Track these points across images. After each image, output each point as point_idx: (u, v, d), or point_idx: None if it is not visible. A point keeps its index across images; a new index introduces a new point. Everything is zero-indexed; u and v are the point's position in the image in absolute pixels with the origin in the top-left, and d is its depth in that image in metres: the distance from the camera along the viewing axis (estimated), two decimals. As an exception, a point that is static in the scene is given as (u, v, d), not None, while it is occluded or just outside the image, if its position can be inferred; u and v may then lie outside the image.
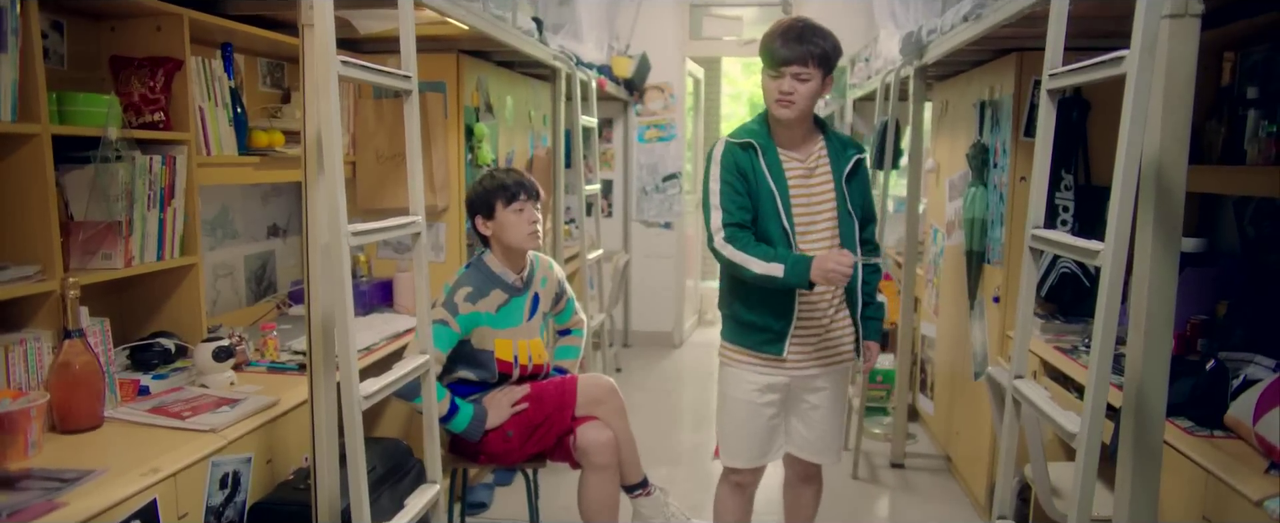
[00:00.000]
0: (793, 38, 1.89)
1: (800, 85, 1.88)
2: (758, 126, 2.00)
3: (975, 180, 2.88)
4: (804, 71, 1.87)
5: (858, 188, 2.02)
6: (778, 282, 1.88)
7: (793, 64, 1.87)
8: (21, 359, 1.59)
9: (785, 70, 1.88)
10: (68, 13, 1.90)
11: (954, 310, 3.20)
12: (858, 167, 2.02)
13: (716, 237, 1.95)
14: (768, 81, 1.92)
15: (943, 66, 3.23)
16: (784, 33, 1.90)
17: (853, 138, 2.12)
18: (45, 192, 1.62)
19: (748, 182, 1.94)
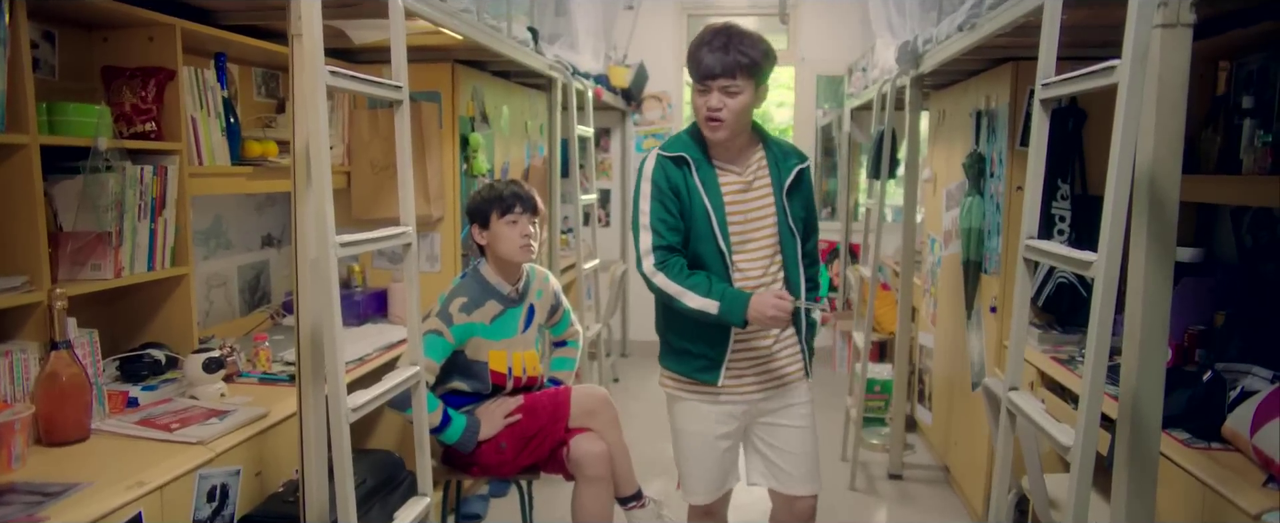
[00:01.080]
0: (718, 47, 1.73)
1: (729, 100, 1.74)
2: (690, 138, 1.85)
3: (972, 190, 2.88)
4: (732, 84, 1.72)
5: (800, 200, 1.89)
6: (711, 318, 1.75)
7: (719, 77, 1.72)
8: (7, 371, 1.58)
9: (712, 84, 1.74)
10: (59, 23, 1.89)
11: (951, 320, 3.19)
12: (800, 178, 1.89)
13: (645, 261, 1.82)
14: (695, 98, 1.78)
15: (939, 76, 3.23)
16: (708, 42, 1.75)
17: (795, 146, 1.95)
18: (33, 202, 1.61)
19: (680, 200, 1.80)
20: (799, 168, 1.89)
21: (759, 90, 1.79)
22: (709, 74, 1.73)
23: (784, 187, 1.85)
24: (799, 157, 1.91)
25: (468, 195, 3.00)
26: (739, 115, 1.76)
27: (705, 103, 1.76)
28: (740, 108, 1.75)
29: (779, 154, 1.88)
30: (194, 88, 2.04)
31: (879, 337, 4.12)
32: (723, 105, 1.74)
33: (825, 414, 4.15)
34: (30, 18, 1.81)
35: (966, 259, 2.90)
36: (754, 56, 1.73)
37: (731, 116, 1.75)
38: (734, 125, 1.77)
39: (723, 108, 1.74)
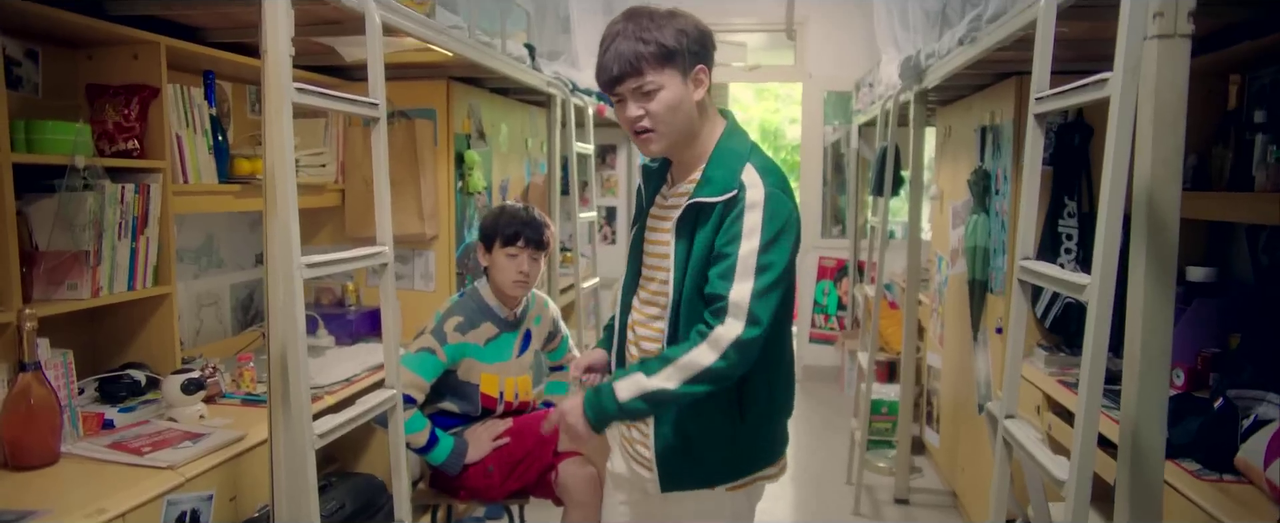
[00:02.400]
0: (615, 39, 1.39)
1: (649, 103, 1.39)
2: None
3: (977, 207, 2.81)
4: (643, 81, 1.37)
5: (706, 246, 1.40)
6: None
7: (625, 79, 1.37)
8: (-24, 393, 1.55)
9: (623, 90, 1.39)
10: (43, 41, 1.89)
11: (958, 341, 3.11)
12: (712, 213, 1.40)
13: None
14: (618, 113, 1.46)
15: (944, 91, 3.17)
16: (606, 40, 1.42)
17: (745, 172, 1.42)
18: (4, 221, 1.59)
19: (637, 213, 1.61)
20: (716, 201, 1.39)
21: (690, 79, 1.41)
22: (615, 79, 1.39)
23: (684, 220, 1.43)
24: (722, 184, 1.40)
25: (461, 213, 2.98)
26: (671, 118, 1.40)
27: (624, 115, 1.43)
28: (666, 108, 1.39)
29: (705, 178, 1.45)
30: (180, 105, 2.03)
31: (887, 357, 4.03)
32: (644, 111, 1.39)
33: (830, 436, 4.07)
34: (13, 36, 1.81)
35: (972, 278, 2.83)
36: (663, 39, 1.37)
37: (661, 121, 1.40)
38: (671, 133, 1.42)
39: (644, 115, 1.40)
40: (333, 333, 2.71)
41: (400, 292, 2.90)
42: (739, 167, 1.42)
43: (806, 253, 5.30)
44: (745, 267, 1.36)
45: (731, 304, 1.35)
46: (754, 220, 1.38)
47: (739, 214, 1.38)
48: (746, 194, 1.39)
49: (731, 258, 1.37)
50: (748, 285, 1.35)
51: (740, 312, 1.35)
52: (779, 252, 1.38)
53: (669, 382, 1.36)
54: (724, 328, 1.35)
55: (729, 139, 1.48)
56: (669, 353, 1.39)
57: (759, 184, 1.40)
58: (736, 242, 1.37)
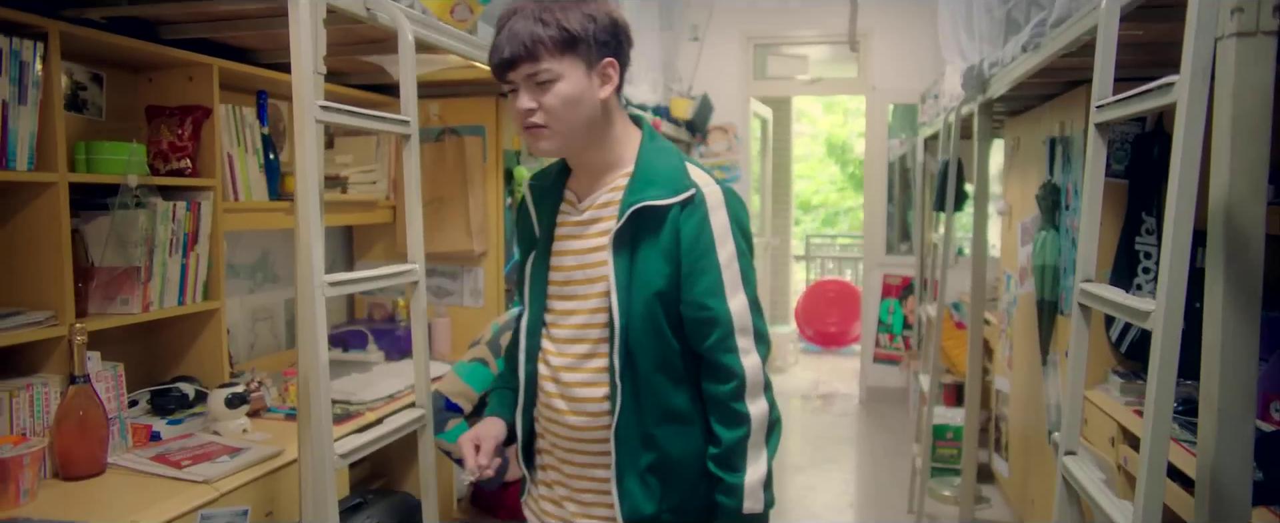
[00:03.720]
0: (512, 18, 1.22)
1: (543, 95, 1.20)
2: (558, 164, 1.39)
3: (1046, 224, 2.65)
4: (539, 69, 1.19)
5: (658, 259, 1.20)
6: None
7: (519, 63, 1.19)
8: (27, 404, 1.60)
9: (515, 77, 1.21)
10: (107, 65, 1.96)
11: (1028, 364, 2.93)
12: (663, 219, 1.20)
13: None
14: (510, 104, 1.27)
15: (1013, 101, 3.02)
16: (502, 19, 1.24)
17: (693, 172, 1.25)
18: (59, 239, 1.64)
19: (525, 235, 1.39)
20: (667, 203, 1.20)
21: (597, 73, 1.22)
22: (503, 63, 1.21)
23: (623, 233, 1.22)
24: (673, 184, 1.22)
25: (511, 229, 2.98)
26: (568, 114, 1.21)
27: (515, 107, 1.24)
28: (563, 102, 1.20)
29: (642, 181, 1.23)
30: (231, 125, 2.08)
31: (954, 379, 3.85)
32: (536, 103, 1.21)
33: (893, 462, 3.90)
34: (80, 61, 1.89)
35: (1041, 298, 2.66)
36: (567, 22, 1.19)
37: (555, 116, 1.21)
38: (567, 132, 1.23)
39: (537, 107, 1.21)
40: (382, 348, 2.74)
41: (449, 308, 2.92)
42: (681, 165, 1.25)
43: (871, 271, 5.14)
44: (732, 276, 1.21)
45: (737, 326, 1.19)
46: (722, 222, 1.22)
47: (704, 217, 1.21)
48: (704, 195, 1.22)
49: (713, 271, 1.20)
50: (742, 298, 1.21)
51: (748, 332, 1.20)
52: (750, 255, 1.26)
53: (759, 463, 1.20)
54: (749, 363, 1.19)
55: (654, 140, 1.30)
56: (729, 442, 1.19)
57: (711, 182, 1.24)
58: (712, 250, 1.20)
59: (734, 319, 1.20)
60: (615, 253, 1.23)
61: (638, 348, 1.22)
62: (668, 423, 1.24)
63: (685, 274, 1.21)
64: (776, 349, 6.15)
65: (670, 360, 1.23)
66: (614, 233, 1.22)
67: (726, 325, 1.19)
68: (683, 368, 1.24)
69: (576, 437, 1.30)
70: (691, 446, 1.25)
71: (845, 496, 3.63)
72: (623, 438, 1.24)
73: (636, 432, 1.24)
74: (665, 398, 1.24)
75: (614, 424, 1.24)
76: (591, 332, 1.27)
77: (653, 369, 1.23)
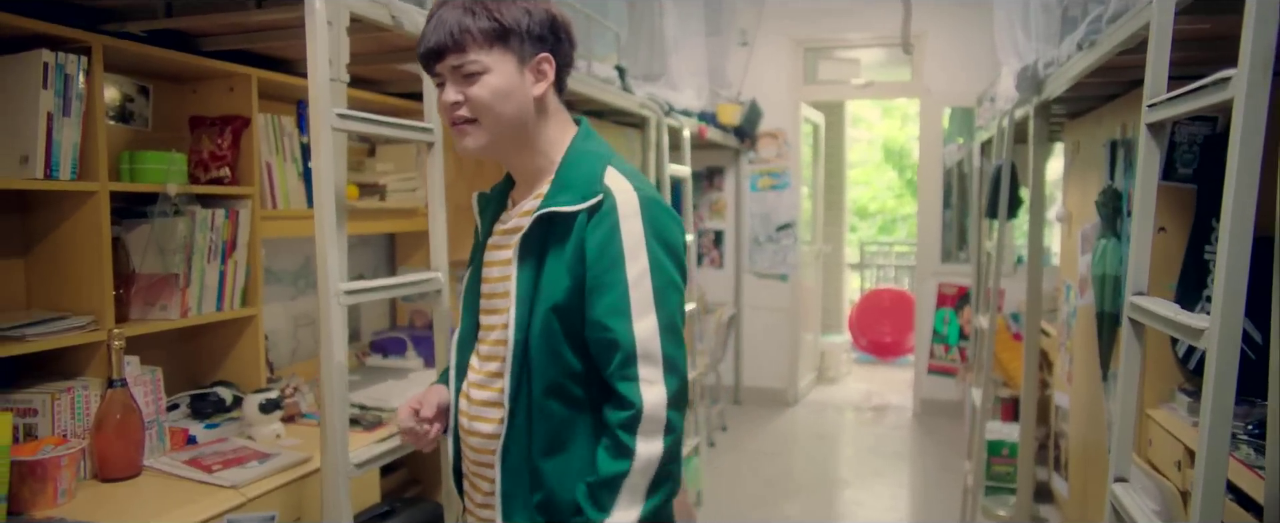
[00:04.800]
0: (443, 7, 1.16)
1: (470, 87, 1.13)
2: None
3: (1106, 231, 2.51)
4: (468, 60, 1.12)
5: (562, 271, 1.11)
6: None
7: (446, 54, 1.13)
8: (68, 407, 1.65)
9: (442, 68, 1.15)
10: (153, 77, 2.02)
11: (1088, 379, 2.78)
12: (570, 228, 1.11)
13: None
14: (438, 98, 1.20)
15: (1072, 103, 2.88)
16: (434, 8, 1.18)
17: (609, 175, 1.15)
18: (100, 246, 1.69)
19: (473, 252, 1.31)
20: (558, 211, 1.12)
21: (530, 68, 1.16)
22: (428, 52, 1.15)
23: (527, 243, 1.15)
24: (582, 188, 1.13)
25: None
26: (496, 109, 1.14)
27: (443, 101, 1.17)
28: (492, 95, 1.13)
29: (557, 185, 1.16)
30: (270, 134, 2.12)
31: (1011, 393, 3.69)
32: (462, 95, 1.14)
33: (946, 478, 3.75)
34: (127, 74, 1.95)
35: (1101, 311, 2.52)
36: (499, 13, 1.13)
37: (482, 112, 1.14)
38: (496, 128, 1.15)
39: (464, 100, 1.14)
40: (422, 355, 2.75)
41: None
42: (600, 168, 1.15)
43: (925, 279, 4.98)
44: (641, 295, 1.07)
45: (641, 352, 1.06)
46: (634, 232, 1.09)
47: (613, 227, 1.09)
48: (616, 201, 1.10)
49: (618, 287, 1.07)
50: (651, 321, 1.07)
51: (654, 359, 1.06)
52: (674, 271, 1.11)
53: (629, 512, 1.04)
54: (650, 396, 1.05)
55: (585, 141, 1.21)
56: (605, 474, 1.05)
57: (628, 188, 1.12)
58: (619, 264, 1.08)
59: (638, 344, 1.06)
60: (520, 263, 1.15)
61: (535, 368, 1.12)
62: (556, 455, 1.12)
63: (588, 289, 1.09)
64: (829, 359, 6.01)
65: (566, 385, 1.12)
66: (518, 240, 1.15)
67: (628, 350, 1.07)
68: (583, 394, 1.12)
69: (478, 461, 1.21)
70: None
71: (894, 512, 3.51)
72: (509, 468, 1.14)
73: (525, 464, 1.13)
74: (557, 427, 1.12)
75: (499, 451, 1.14)
76: (499, 350, 1.18)
77: (545, 393, 1.12)
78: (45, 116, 1.59)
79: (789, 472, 4.04)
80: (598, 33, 2.94)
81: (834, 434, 4.72)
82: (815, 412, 5.13)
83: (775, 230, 5.27)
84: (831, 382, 5.93)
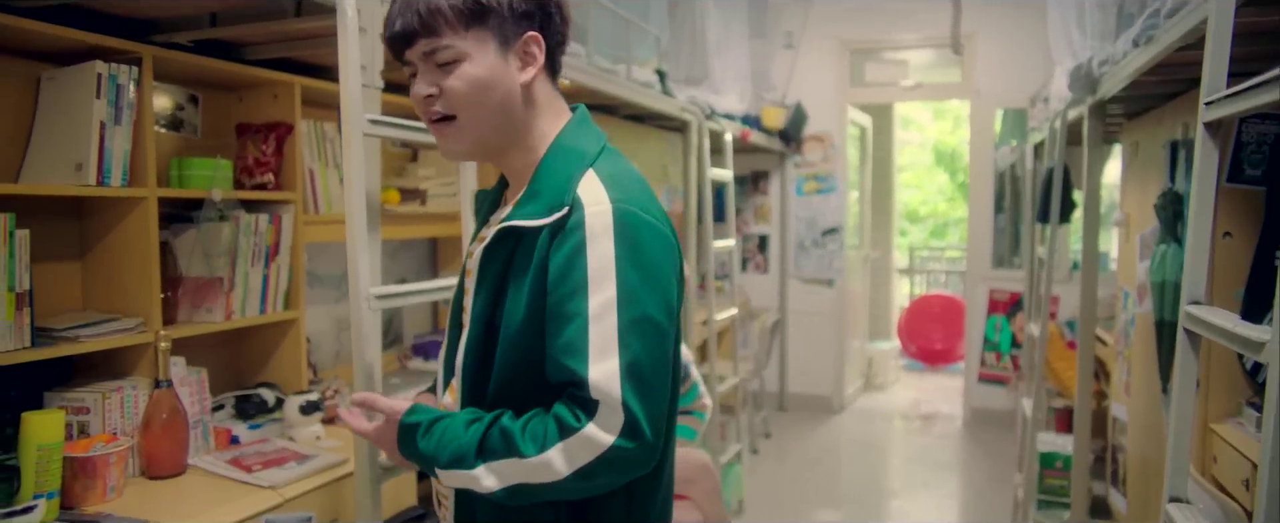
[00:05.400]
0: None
1: (445, 76, 0.98)
2: None
3: (1166, 236, 2.40)
4: (440, 46, 0.98)
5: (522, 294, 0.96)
6: None
7: (415, 39, 0.99)
8: (119, 406, 1.70)
9: (411, 55, 1.00)
10: (202, 86, 2.07)
11: (1147, 391, 2.66)
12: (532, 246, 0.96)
13: None
14: (410, 91, 1.04)
15: (1130, 103, 2.76)
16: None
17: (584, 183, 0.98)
18: (149, 251, 1.74)
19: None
20: (519, 226, 0.97)
21: (512, 51, 1.00)
22: (395, 38, 1.00)
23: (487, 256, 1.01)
24: (548, 199, 0.97)
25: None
26: (478, 102, 0.99)
27: (415, 92, 1.02)
28: (471, 87, 0.98)
29: (529, 191, 1.01)
30: (313, 140, 2.16)
31: (1066, 403, 3.56)
32: (436, 89, 0.99)
33: (997, 490, 3.64)
34: (177, 83, 2.01)
35: (1160, 319, 2.41)
36: None
37: (462, 106, 0.99)
38: (480, 124, 1.00)
39: (438, 93, 0.99)
40: (462, 358, 2.77)
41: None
42: (575, 173, 0.97)
43: (975, 285, 4.85)
44: (603, 331, 0.90)
45: (594, 395, 0.90)
46: (603, 255, 0.91)
47: (577, 247, 0.92)
48: (584, 215, 0.93)
49: (577, 318, 0.91)
50: (611, 363, 0.89)
51: (611, 407, 0.89)
52: (653, 299, 0.93)
53: (489, 477, 0.94)
54: (590, 432, 0.90)
55: (571, 136, 1.03)
56: (507, 425, 0.94)
57: (603, 199, 0.94)
58: (580, 293, 0.91)
59: (591, 389, 0.89)
60: (479, 280, 0.99)
61: (489, 398, 0.99)
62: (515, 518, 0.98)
63: (547, 319, 0.93)
64: (877, 365, 5.90)
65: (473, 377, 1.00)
66: (479, 254, 1.00)
67: (581, 396, 0.91)
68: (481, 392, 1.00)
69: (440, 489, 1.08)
70: None
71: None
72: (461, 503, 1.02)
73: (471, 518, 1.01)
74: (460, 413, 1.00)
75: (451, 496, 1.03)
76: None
77: (467, 386, 1.01)
78: (98, 125, 1.64)
79: (834, 480, 3.96)
80: (637, 37, 2.93)
81: (881, 443, 4.62)
82: (862, 420, 5.03)
83: (821, 235, 5.19)
84: (879, 389, 5.81)
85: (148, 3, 1.58)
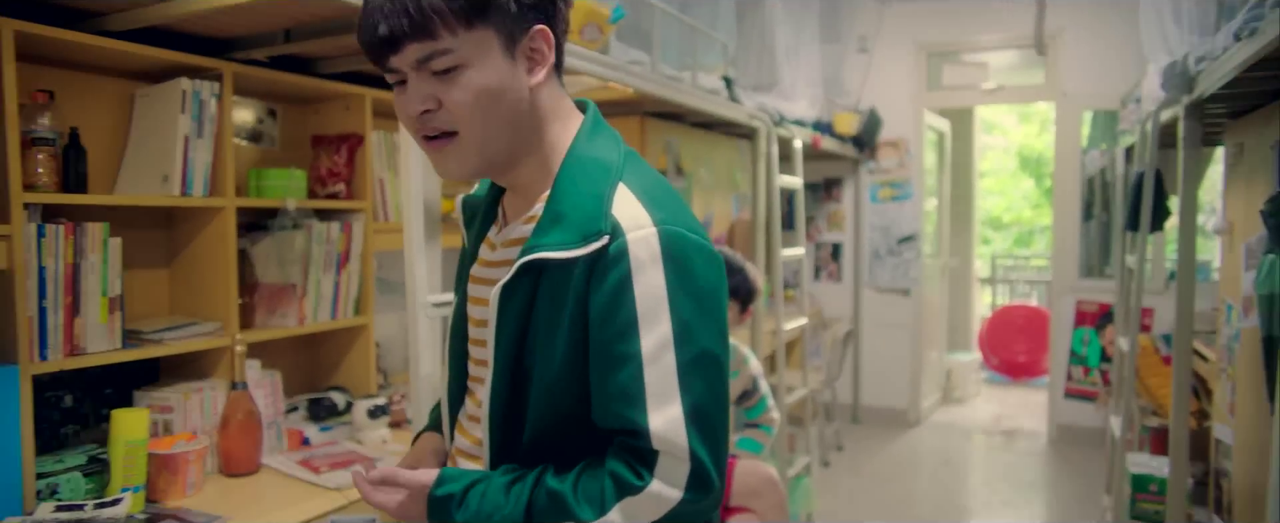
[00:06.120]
0: None
1: (448, 88, 0.84)
2: None
3: (1272, 245, 2.22)
4: (437, 50, 0.83)
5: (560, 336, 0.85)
6: None
7: (403, 43, 0.83)
8: (198, 407, 1.78)
9: (398, 63, 0.85)
10: (280, 100, 2.16)
11: (1254, 411, 2.47)
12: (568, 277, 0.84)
13: None
14: (396, 102, 0.90)
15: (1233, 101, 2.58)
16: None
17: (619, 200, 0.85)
18: (227, 258, 1.81)
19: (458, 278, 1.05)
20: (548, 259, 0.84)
21: (520, 50, 0.86)
22: (378, 43, 0.84)
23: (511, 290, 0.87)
24: (580, 225, 0.84)
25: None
26: (484, 116, 0.85)
27: (404, 106, 0.87)
28: (477, 100, 0.84)
29: (550, 213, 0.87)
30: (383, 150, 2.22)
31: (1163, 422, 3.34)
32: (435, 104, 0.85)
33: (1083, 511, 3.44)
34: (258, 97, 2.10)
35: (1269, 334, 2.23)
36: None
37: (467, 120, 0.85)
38: (484, 141, 0.86)
39: (436, 108, 0.85)
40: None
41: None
42: (604, 190, 0.85)
43: (1061, 296, 4.62)
44: (661, 375, 0.80)
45: (657, 445, 0.81)
46: (653, 288, 0.81)
47: (623, 281, 0.81)
48: (627, 242, 0.82)
49: (630, 362, 0.80)
50: (673, 409, 0.80)
51: (677, 458, 0.81)
52: (709, 331, 0.84)
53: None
54: (655, 489, 0.81)
55: (588, 144, 0.90)
56: (555, 487, 0.83)
57: (645, 221, 0.83)
58: (631, 332, 0.80)
59: (654, 440, 0.80)
60: (502, 318, 0.87)
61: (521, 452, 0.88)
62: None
63: (593, 363, 0.83)
64: (956, 378, 5.69)
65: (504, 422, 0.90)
66: (498, 293, 0.87)
67: (642, 449, 0.82)
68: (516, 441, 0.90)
69: None
70: None
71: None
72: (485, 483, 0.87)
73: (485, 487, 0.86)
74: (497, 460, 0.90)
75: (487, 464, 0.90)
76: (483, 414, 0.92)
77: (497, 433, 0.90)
78: (182, 139, 1.73)
79: (909, 497, 3.82)
80: (704, 44, 2.91)
81: (959, 459, 4.44)
82: (939, 434, 4.85)
83: (897, 243, 5.04)
84: (958, 402, 5.60)
85: (226, 21, 1.66)
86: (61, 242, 1.54)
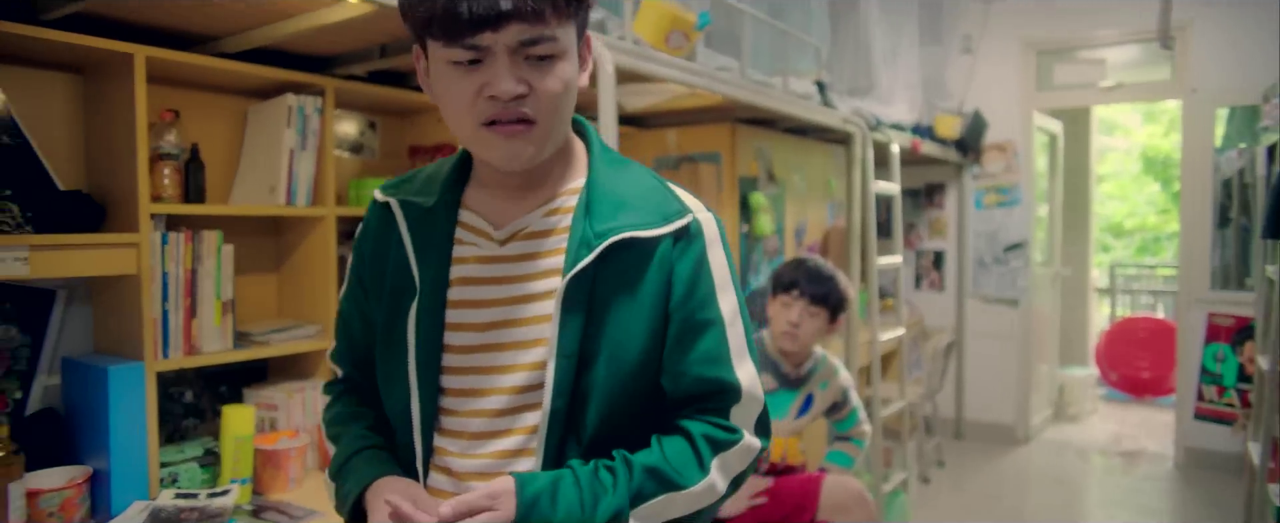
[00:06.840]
0: None
1: (542, 76, 0.83)
2: (439, 169, 0.99)
3: None
4: (542, 36, 0.82)
5: (640, 315, 0.87)
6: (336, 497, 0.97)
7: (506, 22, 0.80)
8: (300, 405, 1.87)
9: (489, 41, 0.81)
10: (380, 112, 2.26)
11: None
12: (648, 256, 0.87)
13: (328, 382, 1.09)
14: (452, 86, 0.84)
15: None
16: None
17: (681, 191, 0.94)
18: (327, 264, 1.90)
19: (378, 277, 0.97)
20: (627, 237, 0.87)
21: (579, 48, 0.90)
22: (483, 20, 0.79)
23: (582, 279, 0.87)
24: (659, 207, 0.90)
25: (746, 257, 2.92)
26: (563, 109, 0.87)
27: (480, 87, 0.83)
28: (565, 92, 0.86)
29: (605, 201, 0.89)
30: (475, 160, 2.28)
31: (1309, 450, 3.03)
32: (526, 88, 0.83)
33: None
34: (360, 111, 2.20)
35: None
36: None
37: (550, 111, 0.85)
38: (552, 135, 0.87)
39: (528, 93, 0.83)
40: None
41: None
42: (649, 179, 0.95)
43: (1190, 308, 4.27)
44: (738, 337, 0.92)
45: (744, 398, 0.91)
46: (722, 262, 0.93)
47: (702, 255, 0.90)
48: (702, 221, 0.92)
49: (714, 326, 0.89)
50: (750, 368, 0.92)
51: (756, 406, 0.93)
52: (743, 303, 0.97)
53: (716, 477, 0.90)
54: (748, 440, 0.92)
55: (599, 140, 0.96)
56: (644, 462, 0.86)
57: (700, 205, 0.95)
58: (712, 300, 0.90)
59: (744, 393, 0.91)
60: (569, 305, 0.86)
61: (585, 442, 0.87)
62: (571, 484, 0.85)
63: (676, 335, 0.89)
64: (1070, 394, 5.36)
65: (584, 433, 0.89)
66: (570, 277, 0.86)
67: (735, 398, 0.91)
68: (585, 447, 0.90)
69: None
70: None
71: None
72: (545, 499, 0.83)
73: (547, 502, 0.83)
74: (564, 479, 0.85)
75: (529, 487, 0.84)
76: (526, 418, 0.89)
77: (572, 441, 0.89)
78: (288, 152, 1.83)
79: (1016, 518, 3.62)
80: (796, 48, 2.86)
81: (1073, 480, 4.17)
82: (1051, 453, 4.57)
83: (1003, 251, 4.80)
84: (1072, 420, 5.26)
85: (327, 39, 1.74)
86: (182, 249, 1.66)
